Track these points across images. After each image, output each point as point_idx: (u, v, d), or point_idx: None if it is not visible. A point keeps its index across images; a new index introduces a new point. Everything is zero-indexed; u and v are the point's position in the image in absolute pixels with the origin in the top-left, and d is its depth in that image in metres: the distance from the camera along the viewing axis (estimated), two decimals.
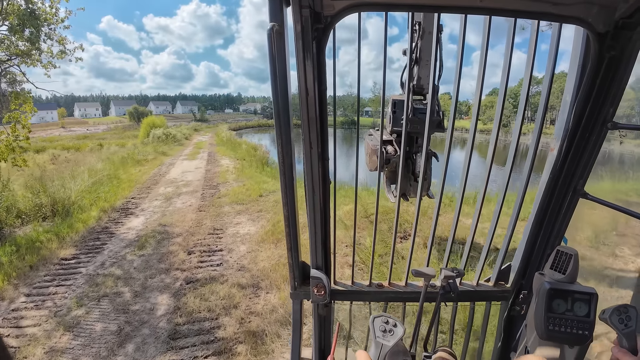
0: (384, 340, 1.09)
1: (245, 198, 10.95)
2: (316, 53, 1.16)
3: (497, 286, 1.84)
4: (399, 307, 2.05)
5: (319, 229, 1.56)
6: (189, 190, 12.60)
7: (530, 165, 1.56)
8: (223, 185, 13.18)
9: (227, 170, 16.58)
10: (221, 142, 30.30)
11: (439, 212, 1.74)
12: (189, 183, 13.91)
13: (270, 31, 1.00)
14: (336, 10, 1.12)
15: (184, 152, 24.66)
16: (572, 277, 1.26)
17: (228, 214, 9.56)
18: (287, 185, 1.34)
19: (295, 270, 1.65)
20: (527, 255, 1.71)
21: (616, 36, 1.16)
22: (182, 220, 9.13)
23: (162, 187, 13.40)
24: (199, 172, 16.42)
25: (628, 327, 1.07)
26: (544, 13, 1.15)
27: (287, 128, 1.21)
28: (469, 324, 1.99)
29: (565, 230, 1.59)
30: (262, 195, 11.25)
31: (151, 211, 10.08)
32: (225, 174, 15.44)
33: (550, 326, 1.23)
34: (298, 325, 1.85)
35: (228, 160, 20.35)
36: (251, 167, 17.27)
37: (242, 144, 26.91)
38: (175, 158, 21.59)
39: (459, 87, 1.55)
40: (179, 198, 11.56)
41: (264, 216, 9.20)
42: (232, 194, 11.57)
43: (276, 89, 1.10)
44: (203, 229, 8.40)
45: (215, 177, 14.83)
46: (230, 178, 14.58)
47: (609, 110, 1.28)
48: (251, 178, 14.34)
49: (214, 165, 18.19)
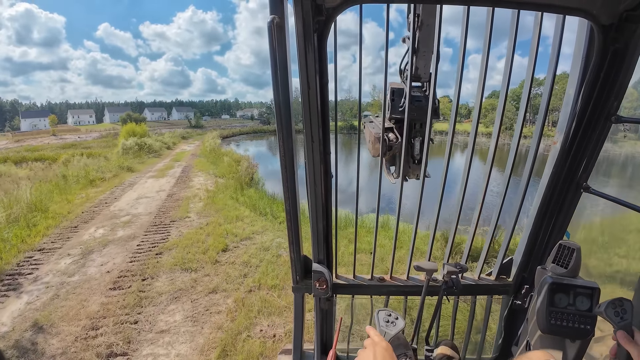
0: (387, 329, 1.16)
1: (198, 257, 6.85)
2: (317, 46, 1.15)
3: (498, 280, 1.83)
4: (401, 301, 2.06)
5: (320, 223, 1.55)
6: (126, 235, 8.50)
7: (533, 158, 1.53)
8: (178, 225, 9.11)
9: (196, 195, 12.52)
10: (204, 152, 26.12)
11: (440, 211, 1.73)
12: (134, 219, 9.83)
13: (270, 24, 0.99)
14: (337, 2, 1.11)
15: (155, 166, 20.55)
16: (575, 272, 1.30)
17: (156, 300, 5.44)
18: (288, 179, 1.32)
19: (297, 264, 1.66)
20: (529, 249, 1.70)
21: (620, 28, 1.14)
22: (73, 316, 5.02)
23: (95, 226, 9.34)
24: (159, 198, 12.34)
25: (624, 319, 1.05)
26: (548, 5, 1.15)
27: (288, 123, 1.19)
28: (470, 318, 1.98)
29: (568, 224, 1.58)
30: (226, 250, 7.16)
31: (46, 283, 6.03)
32: (189, 203, 11.36)
33: (552, 320, 1.25)
34: (300, 319, 1.87)
35: (203, 178, 16.30)
36: (228, 189, 13.19)
37: (226, 155, 22.78)
38: (140, 175, 17.52)
39: (461, 86, 1.48)
40: (102, 252, 7.49)
41: (217, 308, 5.10)
42: (183, 245, 7.48)
43: (277, 82, 1.08)
44: (92, 348, 4.29)
45: (175, 209, 10.75)
46: (194, 209, 10.51)
47: (613, 104, 1.27)
48: (222, 209, 10.27)
49: (181, 187, 14.12)
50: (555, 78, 1.37)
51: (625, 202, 1.27)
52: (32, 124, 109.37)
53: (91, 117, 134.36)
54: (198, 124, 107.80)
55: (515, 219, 1.70)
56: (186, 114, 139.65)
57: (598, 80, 1.25)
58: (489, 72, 1.44)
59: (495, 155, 1.57)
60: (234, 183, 14.07)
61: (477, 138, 1.61)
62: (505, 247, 1.78)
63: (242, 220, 9.21)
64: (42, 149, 37.16)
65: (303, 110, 1.24)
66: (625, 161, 1.66)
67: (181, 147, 34.50)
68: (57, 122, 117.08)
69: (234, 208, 10.37)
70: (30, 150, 35.40)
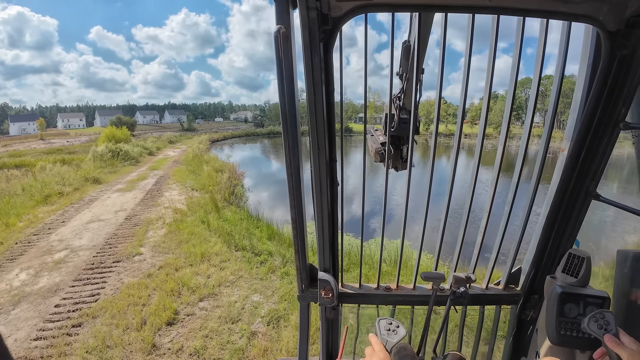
0: (388, 337, 1.17)
1: (127, 338, 4.54)
2: (323, 54, 1.16)
3: (507, 290, 1.81)
4: (407, 310, 2.03)
5: (326, 232, 1.55)
6: (49, 286, 6.21)
7: (541, 165, 1.54)
8: (122, 268, 6.81)
9: (160, 217, 10.19)
10: (187, 159, 23.61)
11: (447, 218, 1.71)
12: (70, 256, 7.52)
13: (277, 33, 1.00)
14: (343, 12, 1.12)
15: (127, 176, 18.12)
16: (585, 281, 1.31)
17: None
18: (294, 188, 1.32)
19: (303, 272, 1.64)
20: (538, 258, 1.67)
21: (627, 34, 1.14)
22: None
23: (20, 267, 7.11)
24: (114, 222, 10.01)
25: (608, 330, 1.08)
26: (554, 12, 1.14)
27: (294, 130, 1.19)
28: (478, 328, 1.96)
29: (577, 232, 1.57)
30: (173, 323, 4.84)
31: None
32: (148, 229, 9.05)
33: (561, 331, 1.25)
34: (305, 328, 1.84)
35: (177, 191, 13.98)
36: (202, 208, 10.86)
37: (210, 162, 20.36)
38: (106, 188, 15.15)
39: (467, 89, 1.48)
40: (9, 315, 5.31)
41: None
42: (115, 309, 5.20)
43: (283, 91, 1.09)
44: None
45: (127, 239, 8.43)
46: (151, 241, 8.21)
47: (621, 110, 1.27)
48: (187, 241, 7.96)
49: (147, 205, 11.79)
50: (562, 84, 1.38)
51: (636, 210, 1.26)
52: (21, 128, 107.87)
53: (81, 120, 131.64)
54: (190, 127, 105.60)
55: (524, 227, 1.67)
56: (179, 117, 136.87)
57: (605, 86, 1.24)
58: (482, 73, 1.46)
59: (502, 161, 1.55)
60: (214, 198, 11.74)
61: (484, 140, 1.61)
62: (514, 256, 1.74)
63: (208, 259, 6.92)
64: (25, 154, 35.12)
65: (309, 118, 1.24)
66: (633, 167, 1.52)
67: (165, 153, 31.98)
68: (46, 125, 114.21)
69: (202, 239, 8.06)
70: (13, 156, 33.18)
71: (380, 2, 1.10)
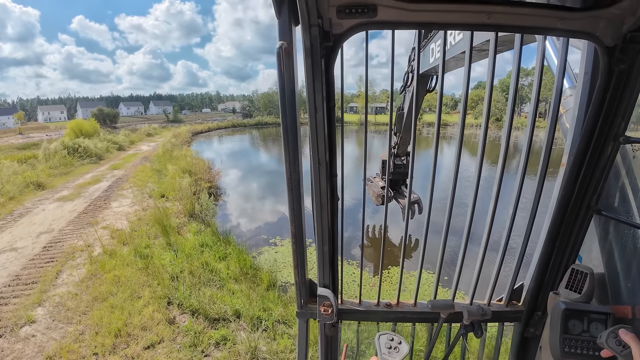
0: (390, 356, 1.15)
1: None
2: (325, 70, 1.16)
3: (509, 306, 1.78)
4: (408, 326, 1.94)
5: (326, 247, 1.52)
6: None
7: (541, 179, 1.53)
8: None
9: (90, 244, 7.46)
10: (157, 155, 20.55)
11: (446, 239, 1.70)
12: None
13: (279, 50, 1.01)
14: (344, 29, 1.12)
15: (80, 179, 15.16)
16: (588, 297, 1.29)
17: None
18: (294, 202, 1.31)
19: (302, 288, 1.61)
20: (541, 274, 1.64)
21: (625, 49, 1.14)
22: None
23: None
24: (25, 254, 7.27)
25: (626, 347, 1.04)
26: (551, 28, 1.14)
27: (295, 145, 1.19)
28: (480, 346, 1.94)
29: (579, 247, 1.55)
30: None
31: None
32: (64, 269, 6.36)
33: (566, 348, 1.22)
34: (304, 345, 1.80)
35: (130, 199, 11.19)
36: (153, 227, 8.15)
37: (181, 159, 17.41)
38: (48, 196, 12.29)
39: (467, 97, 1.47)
40: None
41: None
42: None
43: (285, 105, 1.10)
44: None
45: (27, 290, 5.75)
46: (57, 295, 5.56)
47: (621, 125, 1.26)
48: (106, 299, 5.31)
49: (81, 224, 9.00)
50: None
51: (638, 224, 1.25)
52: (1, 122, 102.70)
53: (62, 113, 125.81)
54: (176, 118, 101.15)
55: (525, 242, 1.67)
56: (164, 108, 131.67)
57: (604, 101, 1.23)
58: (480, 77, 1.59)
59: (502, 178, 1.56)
60: (172, 213, 8.99)
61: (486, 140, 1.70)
62: (516, 272, 1.71)
63: (127, 341, 4.26)
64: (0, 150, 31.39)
65: (310, 133, 1.22)
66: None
67: (138, 147, 28.71)
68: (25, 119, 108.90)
69: (129, 293, 5.38)
70: None
71: (381, 19, 1.08)
